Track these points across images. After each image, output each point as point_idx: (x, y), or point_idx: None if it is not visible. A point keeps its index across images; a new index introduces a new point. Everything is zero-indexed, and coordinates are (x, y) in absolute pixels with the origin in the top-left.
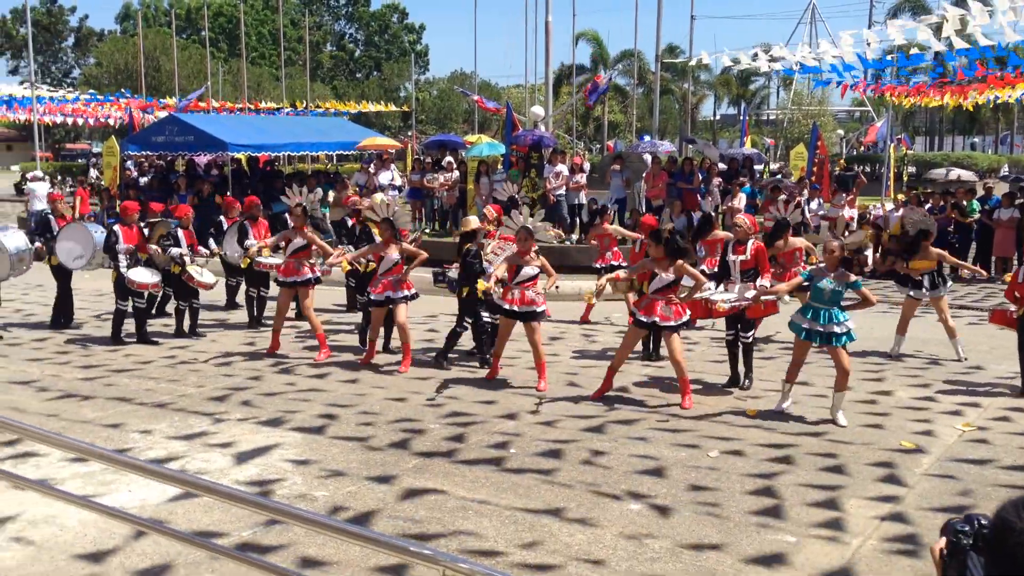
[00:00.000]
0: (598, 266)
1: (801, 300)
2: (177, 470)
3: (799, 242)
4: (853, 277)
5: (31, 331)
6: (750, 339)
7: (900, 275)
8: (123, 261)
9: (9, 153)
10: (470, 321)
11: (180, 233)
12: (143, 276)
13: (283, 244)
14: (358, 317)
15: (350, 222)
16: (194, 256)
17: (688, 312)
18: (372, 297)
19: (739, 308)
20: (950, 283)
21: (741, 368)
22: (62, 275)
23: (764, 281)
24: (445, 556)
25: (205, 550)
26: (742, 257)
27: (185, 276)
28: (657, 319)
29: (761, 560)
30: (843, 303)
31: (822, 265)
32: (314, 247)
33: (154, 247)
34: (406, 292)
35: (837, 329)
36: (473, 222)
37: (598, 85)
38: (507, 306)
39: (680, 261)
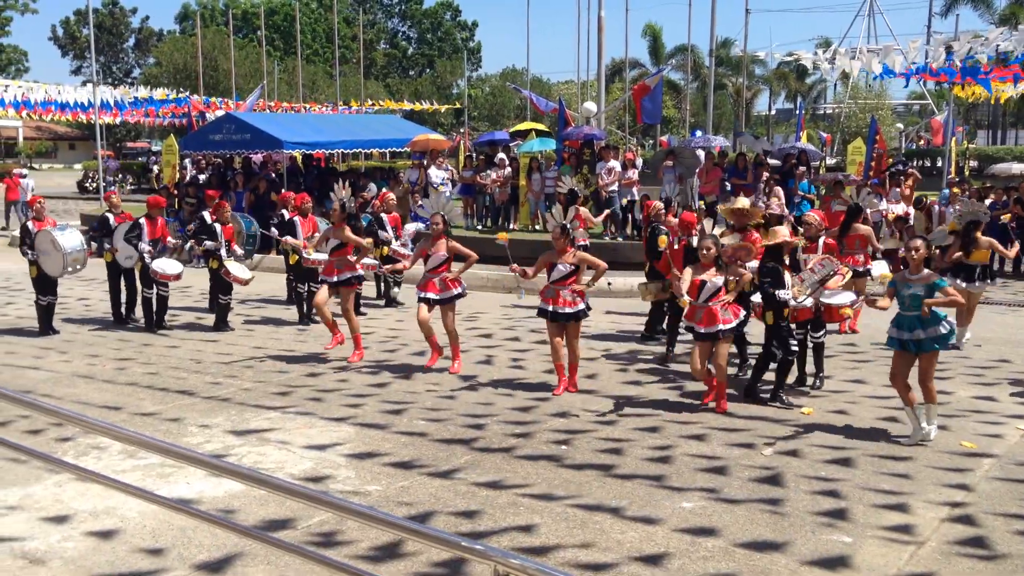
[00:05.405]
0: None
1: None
2: (234, 464)
3: (863, 229)
4: (935, 277)
5: (93, 325)
6: (821, 338)
7: (952, 266)
8: (146, 251)
9: (72, 152)
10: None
11: (218, 228)
12: (166, 267)
13: (324, 243)
14: (388, 311)
15: (385, 219)
16: (231, 252)
17: (742, 313)
18: (419, 295)
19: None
20: (997, 280)
21: (809, 368)
22: (117, 272)
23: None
24: (497, 552)
25: (261, 543)
26: (814, 256)
27: (223, 271)
28: (721, 326)
29: (817, 561)
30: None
31: (904, 271)
32: (353, 245)
33: (173, 241)
34: (453, 292)
35: (942, 330)
36: (782, 233)
37: (648, 90)
38: (549, 308)
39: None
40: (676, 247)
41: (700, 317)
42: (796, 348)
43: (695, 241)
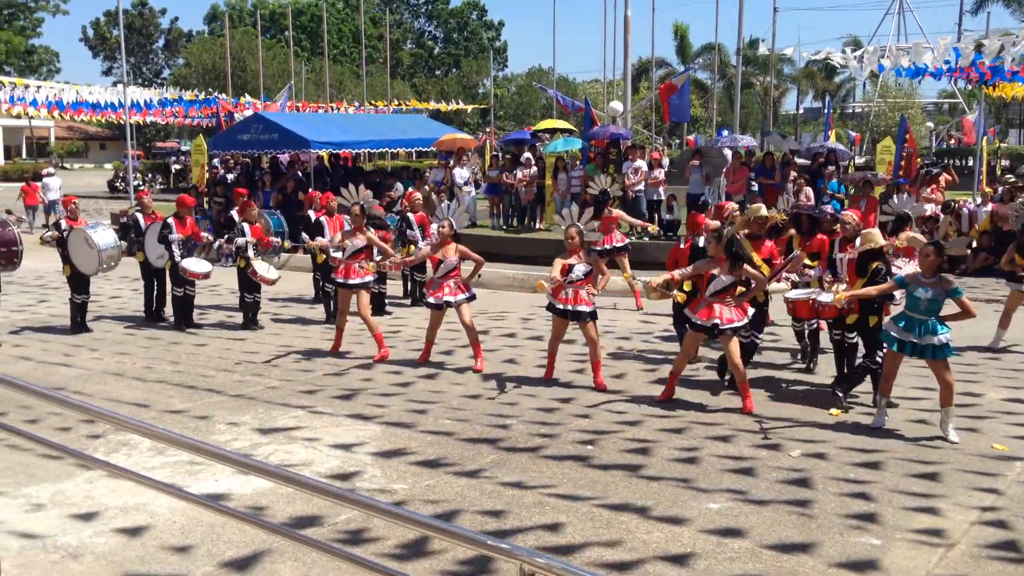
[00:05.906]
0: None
1: None
2: (262, 461)
3: (919, 238)
4: (953, 284)
5: (124, 323)
6: (854, 339)
7: (1005, 271)
8: (176, 251)
9: (103, 152)
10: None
11: (247, 228)
12: (195, 266)
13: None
14: (416, 310)
15: (412, 218)
16: (259, 251)
17: (748, 313)
18: (430, 301)
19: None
20: None
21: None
22: (149, 271)
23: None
24: (523, 551)
25: (289, 540)
26: (850, 255)
27: (250, 271)
28: (718, 321)
29: (845, 563)
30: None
31: (917, 271)
32: (375, 247)
33: (204, 238)
34: (467, 294)
35: (934, 341)
36: (876, 235)
37: (675, 88)
38: (560, 305)
39: (742, 265)
40: (683, 247)
41: (700, 309)
42: (881, 360)
43: (701, 241)
